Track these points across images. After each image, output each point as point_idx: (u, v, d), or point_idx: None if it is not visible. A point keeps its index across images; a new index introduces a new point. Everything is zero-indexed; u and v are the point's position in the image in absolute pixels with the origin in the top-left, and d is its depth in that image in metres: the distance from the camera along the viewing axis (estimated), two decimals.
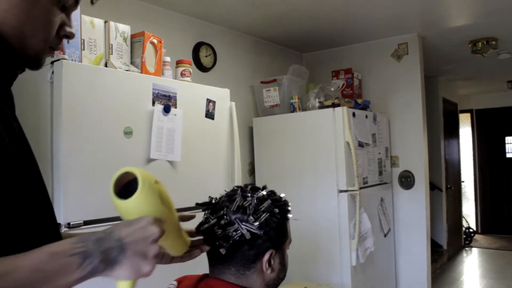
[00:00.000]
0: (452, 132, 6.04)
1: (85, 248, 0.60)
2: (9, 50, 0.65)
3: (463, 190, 6.63)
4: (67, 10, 0.71)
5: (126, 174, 0.70)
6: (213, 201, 0.97)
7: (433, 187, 5.06)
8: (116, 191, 0.70)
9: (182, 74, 2.24)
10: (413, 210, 3.57)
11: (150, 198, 0.70)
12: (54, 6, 0.67)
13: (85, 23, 1.84)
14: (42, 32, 0.67)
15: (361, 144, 3.06)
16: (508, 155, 6.75)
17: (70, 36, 0.73)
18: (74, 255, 0.58)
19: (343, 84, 3.57)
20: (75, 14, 1.77)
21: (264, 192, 0.96)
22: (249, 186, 0.98)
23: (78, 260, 0.59)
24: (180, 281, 1.00)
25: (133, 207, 0.69)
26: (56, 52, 1.71)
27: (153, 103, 1.91)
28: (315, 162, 3.00)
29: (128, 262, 0.63)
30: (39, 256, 0.56)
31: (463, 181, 6.59)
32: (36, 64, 0.71)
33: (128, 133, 1.80)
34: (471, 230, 6.40)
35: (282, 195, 1.00)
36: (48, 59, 1.65)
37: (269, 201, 0.94)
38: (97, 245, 0.61)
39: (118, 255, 0.62)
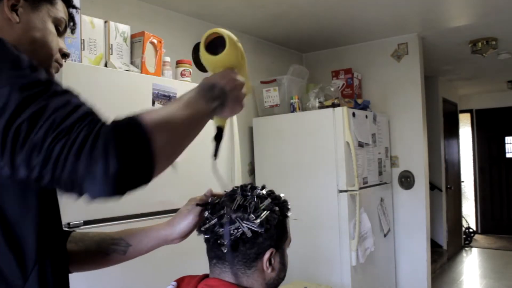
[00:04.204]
0: (452, 132, 6.04)
1: (204, 93, 0.79)
2: None
3: (463, 190, 6.63)
4: (60, 34, 0.87)
5: (213, 34, 0.88)
6: (214, 201, 0.97)
7: (433, 187, 5.06)
8: (205, 46, 0.88)
9: (182, 74, 2.24)
10: (413, 210, 3.57)
11: (234, 54, 0.88)
12: (54, 29, 0.83)
13: (85, 23, 1.84)
14: (49, 49, 0.82)
15: (361, 144, 3.06)
16: (508, 155, 6.75)
17: (67, 55, 0.90)
18: (200, 100, 0.78)
19: (343, 84, 3.57)
20: (75, 16, 1.76)
21: (264, 191, 0.97)
22: (249, 186, 0.98)
23: (203, 100, 0.78)
24: (180, 281, 1.00)
25: (221, 61, 0.87)
26: None
27: (153, 103, 1.91)
28: (315, 162, 3.00)
29: (229, 105, 0.85)
30: (180, 101, 0.75)
31: (463, 181, 6.59)
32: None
33: None
34: (471, 230, 6.40)
35: (281, 194, 1.01)
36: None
37: (269, 200, 0.94)
38: (210, 91, 0.80)
39: (224, 100, 0.83)
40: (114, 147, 0.59)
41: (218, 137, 0.94)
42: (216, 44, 0.87)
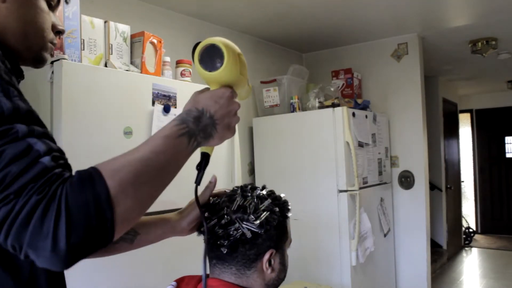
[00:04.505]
0: (452, 132, 6.04)
1: (188, 128, 0.70)
2: (12, 57, 0.72)
3: (463, 190, 6.63)
4: (52, 9, 0.80)
5: (209, 43, 0.77)
6: (213, 202, 0.97)
7: (433, 187, 5.06)
8: (199, 58, 0.78)
9: (182, 74, 2.24)
10: (413, 210, 3.57)
11: (233, 70, 0.77)
12: (45, 6, 0.76)
13: (85, 23, 1.84)
14: (41, 30, 0.75)
15: (361, 144, 3.06)
16: (508, 155, 6.75)
17: (62, 32, 0.82)
18: (182, 136, 0.69)
19: (343, 84, 3.57)
20: (75, 14, 1.77)
21: (264, 192, 0.97)
22: (249, 186, 0.98)
23: (186, 140, 0.69)
24: (179, 281, 1.00)
25: (218, 78, 0.77)
26: (56, 52, 1.71)
27: (153, 103, 1.91)
28: (315, 162, 3.00)
29: (218, 134, 0.76)
30: (155, 141, 0.65)
31: (463, 181, 6.59)
32: (40, 60, 0.78)
33: (128, 133, 1.80)
34: (471, 230, 6.40)
35: (282, 194, 1.00)
36: (48, 59, 1.65)
37: (269, 200, 0.94)
38: (196, 124, 0.72)
39: (212, 130, 0.74)
40: (67, 221, 0.52)
41: (203, 165, 0.81)
42: (213, 54, 0.76)
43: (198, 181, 0.82)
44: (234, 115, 0.79)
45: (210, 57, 0.77)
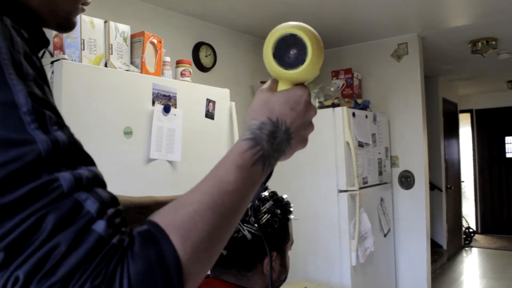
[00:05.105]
0: (452, 132, 6.04)
1: (262, 151, 0.56)
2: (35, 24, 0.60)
3: (463, 190, 6.63)
4: None
5: (286, 32, 0.60)
6: None
7: (433, 187, 5.06)
8: (273, 51, 0.61)
9: (182, 74, 2.24)
10: (413, 210, 3.56)
11: (316, 68, 0.61)
12: None
13: (85, 23, 1.84)
14: None
15: (361, 144, 3.06)
16: (508, 155, 6.75)
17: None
18: (257, 163, 0.55)
19: (343, 84, 3.56)
20: None
21: (266, 193, 0.96)
22: None
23: (260, 166, 0.56)
24: None
25: (294, 78, 0.61)
26: (56, 52, 1.71)
27: (153, 103, 1.91)
28: (315, 162, 3.00)
29: (292, 150, 0.63)
30: (227, 176, 0.52)
31: (463, 181, 6.58)
32: (69, 25, 0.65)
33: (128, 133, 1.79)
34: (471, 230, 6.40)
35: (284, 196, 1.00)
36: (48, 59, 1.65)
37: (270, 202, 0.93)
38: (270, 142, 0.58)
39: (286, 147, 0.61)
40: None
41: (265, 181, 0.62)
42: (292, 47, 0.60)
43: (256, 197, 0.66)
44: (310, 124, 0.64)
45: (288, 50, 0.60)
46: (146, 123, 1.87)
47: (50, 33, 1.69)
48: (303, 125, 0.62)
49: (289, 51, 0.60)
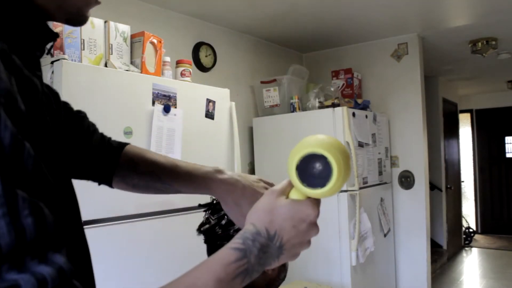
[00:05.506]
0: (452, 132, 6.04)
1: (247, 265, 0.54)
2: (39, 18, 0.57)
3: (463, 190, 6.63)
4: None
5: (311, 152, 0.58)
6: (214, 202, 0.97)
7: (433, 187, 5.06)
8: (297, 170, 0.59)
9: (182, 74, 2.24)
10: (413, 210, 3.57)
11: (340, 186, 0.58)
12: None
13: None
14: None
15: (361, 144, 3.06)
16: (508, 155, 6.75)
17: None
18: (237, 277, 0.53)
19: (343, 84, 3.57)
20: None
21: None
22: None
23: (240, 280, 0.54)
24: None
25: (316, 195, 0.59)
26: (56, 52, 1.71)
27: (153, 103, 1.91)
28: None
29: (278, 263, 0.59)
30: (205, 286, 0.51)
31: (463, 181, 6.59)
32: (79, 19, 0.62)
33: (128, 133, 1.80)
34: (471, 230, 6.40)
35: None
36: (48, 59, 1.65)
37: None
38: (258, 256, 0.55)
39: (273, 260, 0.58)
40: None
41: None
42: (316, 165, 0.58)
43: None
44: (307, 243, 0.62)
45: (313, 168, 0.58)
46: (146, 123, 1.87)
47: None
48: (299, 244, 0.60)
49: (313, 169, 0.58)
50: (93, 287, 0.62)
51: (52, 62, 1.62)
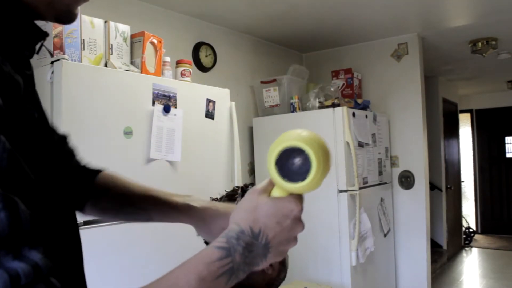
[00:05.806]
0: (452, 132, 6.04)
1: (232, 264, 0.54)
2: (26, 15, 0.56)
3: (463, 190, 6.63)
4: None
5: (289, 145, 0.57)
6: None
7: (433, 187, 5.06)
8: (276, 163, 0.58)
9: (182, 74, 2.24)
10: (413, 210, 3.57)
11: (320, 181, 0.58)
12: None
13: (85, 23, 1.84)
14: None
15: (361, 144, 3.06)
16: (508, 155, 6.75)
17: None
18: (221, 276, 0.53)
19: (343, 84, 3.57)
20: None
21: None
22: (249, 186, 0.98)
23: (225, 279, 0.53)
24: None
25: (296, 190, 0.59)
26: (56, 52, 1.71)
27: (153, 103, 1.91)
28: None
29: (266, 263, 0.58)
30: (187, 285, 0.51)
31: (463, 181, 6.59)
32: (68, 17, 0.61)
33: (128, 133, 1.80)
34: (471, 230, 6.40)
35: None
36: (48, 59, 1.65)
37: None
38: (244, 255, 0.55)
39: (260, 260, 0.57)
40: None
41: None
42: (296, 159, 0.57)
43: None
44: (293, 240, 0.62)
45: (292, 162, 0.57)
46: (146, 123, 1.87)
47: (50, 33, 1.69)
48: (286, 241, 0.59)
49: (293, 163, 0.57)
50: (83, 287, 0.62)
51: (52, 62, 1.62)
